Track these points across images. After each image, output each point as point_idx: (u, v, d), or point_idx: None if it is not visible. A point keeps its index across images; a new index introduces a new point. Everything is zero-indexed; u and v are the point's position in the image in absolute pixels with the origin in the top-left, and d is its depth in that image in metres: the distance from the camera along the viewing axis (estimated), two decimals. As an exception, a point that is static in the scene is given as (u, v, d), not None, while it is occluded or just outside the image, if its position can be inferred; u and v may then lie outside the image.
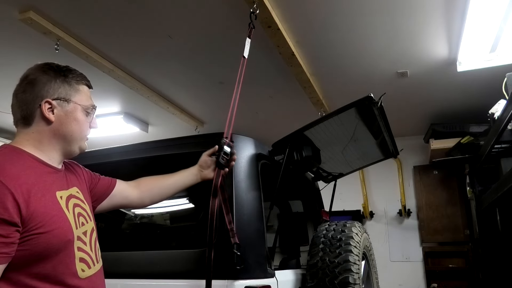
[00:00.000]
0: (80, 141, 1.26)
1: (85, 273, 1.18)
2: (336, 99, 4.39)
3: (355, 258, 2.03)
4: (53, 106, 1.19)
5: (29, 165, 1.13)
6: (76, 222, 1.18)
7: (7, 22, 3.04)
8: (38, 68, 1.24)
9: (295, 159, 2.26)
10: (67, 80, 1.24)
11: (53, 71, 1.23)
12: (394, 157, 2.98)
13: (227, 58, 3.63)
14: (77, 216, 1.19)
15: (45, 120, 1.19)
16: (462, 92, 4.26)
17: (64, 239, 1.11)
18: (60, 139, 1.21)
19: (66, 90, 1.22)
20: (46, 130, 1.19)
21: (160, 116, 4.98)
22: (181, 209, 2.37)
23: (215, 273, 1.67)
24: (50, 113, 1.18)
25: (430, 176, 5.52)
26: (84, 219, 1.23)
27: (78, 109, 1.24)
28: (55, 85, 1.21)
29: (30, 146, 1.18)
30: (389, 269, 5.36)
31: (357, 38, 3.32)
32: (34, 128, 1.19)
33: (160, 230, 2.46)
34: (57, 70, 1.24)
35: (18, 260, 1.03)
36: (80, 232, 1.19)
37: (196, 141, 2.08)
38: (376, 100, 2.05)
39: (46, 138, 1.19)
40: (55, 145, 1.21)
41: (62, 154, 1.24)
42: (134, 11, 2.98)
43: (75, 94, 1.24)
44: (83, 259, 1.18)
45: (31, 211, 1.04)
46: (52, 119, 1.18)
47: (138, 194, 1.58)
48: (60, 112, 1.20)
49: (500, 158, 3.26)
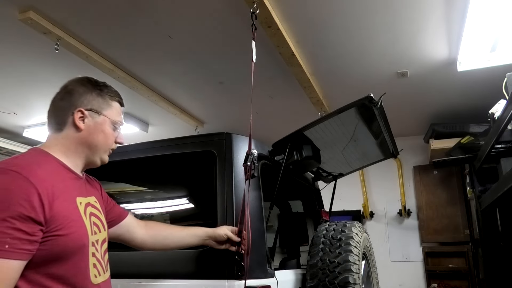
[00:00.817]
0: (103, 152, 1.34)
1: (96, 279, 1.23)
2: (336, 99, 4.39)
3: (355, 258, 2.03)
4: (85, 116, 1.28)
5: (54, 169, 1.19)
6: (92, 228, 1.23)
7: (7, 22, 3.04)
8: (78, 80, 1.33)
9: (295, 159, 2.26)
10: (102, 94, 1.33)
11: (91, 85, 1.32)
12: (394, 157, 2.98)
13: (227, 58, 3.64)
14: (92, 224, 1.25)
15: (75, 128, 1.27)
16: (462, 92, 4.26)
17: (80, 243, 1.16)
18: (86, 147, 1.29)
19: (99, 103, 1.31)
20: (74, 137, 1.27)
21: (160, 116, 4.98)
22: (181, 209, 2.38)
23: (215, 273, 1.67)
24: (80, 122, 1.27)
25: (430, 176, 5.52)
26: (97, 228, 1.28)
27: (106, 122, 1.32)
28: (90, 97, 1.29)
29: (57, 151, 1.25)
30: (389, 269, 5.35)
31: (357, 38, 3.32)
32: (64, 134, 1.27)
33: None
34: (94, 84, 1.34)
35: (36, 259, 1.07)
36: (94, 239, 1.24)
37: (196, 141, 2.07)
38: (376, 100, 2.05)
39: (73, 145, 1.27)
40: (80, 153, 1.28)
41: (85, 163, 1.32)
42: (134, 11, 2.98)
43: (106, 108, 1.33)
44: (95, 266, 1.23)
45: (53, 213, 1.09)
46: (81, 127, 1.27)
47: (143, 235, 1.59)
48: (90, 122, 1.29)
49: (500, 158, 3.25)
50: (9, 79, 4.02)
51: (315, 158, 2.39)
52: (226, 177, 1.86)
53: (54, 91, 1.34)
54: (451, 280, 5.10)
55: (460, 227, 5.21)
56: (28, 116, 4.87)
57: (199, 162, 2.09)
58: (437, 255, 5.33)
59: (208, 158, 1.94)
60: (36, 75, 3.91)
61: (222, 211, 1.81)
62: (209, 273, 1.70)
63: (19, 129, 5.25)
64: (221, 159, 1.90)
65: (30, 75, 3.91)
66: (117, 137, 1.37)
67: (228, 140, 1.95)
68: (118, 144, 1.39)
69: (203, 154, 1.98)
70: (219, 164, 1.89)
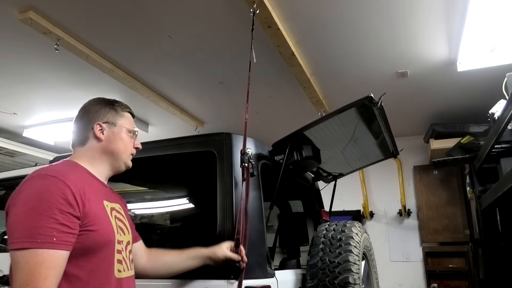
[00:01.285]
0: (126, 158, 1.51)
1: (121, 273, 1.36)
2: (336, 99, 4.39)
3: (355, 258, 2.03)
4: (103, 128, 1.46)
5: (83, 175, 1.37)
6: (117, 228, 1.38)
7: (7, 22, 3.04)
8: (92, 100, 1.53)
9: (295, 159, 2.26)
10: (114, 107, 1.52)
11: (103, 102, 1.52)
12: (394, 157, 2.98)
13: (227, 58, 3.64)
14: (117, 226, 1.39)
15: (96, 139, 1.45)
16: (462, 92, 4.26)
17: (107, 239, 1.31)
18: (109, 154, 1.47)
19: (113, 115, 1.50)
20: (97, 147, 1.45)
21: (160, 116, 4.98)
22: (181, 209, 2.38)
23: (215, 273, 1.67)
24: (100, 133, 1.45)
25: (430, 176, 5.52)
26: (122, 230, 1.42)
27: (123, 130, 1.51)
28: (104, 111, 1.49)
29: (84, 161, 1.43)
30: (389, 269, 5.35)
31: (357, 38, 3.32)
32: (88, 146, 1.45)
33: (160, 230, 2.47)
34: (106, 101, 1.53)
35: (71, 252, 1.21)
36: (119, 238, 1.38)
37: (196, 141, 2.07)
38: (376, 100, 2.05)
39: (97, 154, 1.45)
40: (104, 160, 1.46)
41: (110, 169, 1.49)
42: (134, 11, 2.98)
43: (120, 118, 1.52)
44: (120, 261, 1.36)
45: (86, 210, 1.25)
46: (102, 138, 1.45)
47: (144, 263, 1.65)
48: (109, 133, 1.47)
49: (500, 158, 3.25)
50: (9, 79, 4.02)
51: (315, 158, 2.39)
52: (226, 177, 1.86)
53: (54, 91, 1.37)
54: (451, 280, 5.10)
55: (460, 227, 5.21)
56: (28, 116, 4.87)
57: (199, 162, 2.09)
58: (437, 255, 5.33)
59: (208, 158, 1.94)
60: (36, 75, 3.91)
61: (222, 211, 1.81)
62: (209, 273, 1.70)
63: (19, 129, 5.25)
64: (221, 159, 1.90)
65: (30, 75, 3.91)
66: (135, 143, 1.56)
67: (228, 140, 1.95)
68: (136, 149, 1.56)
69: (203, 154, 1.98)
70: (219, 164, 1.89)
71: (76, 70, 3.78)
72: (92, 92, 4.09)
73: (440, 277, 5.18)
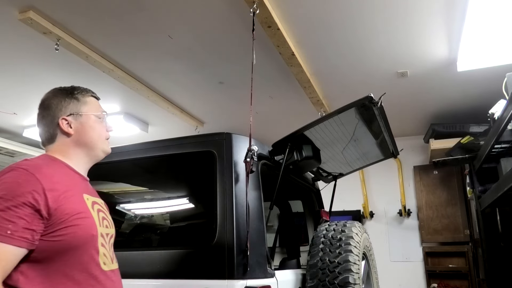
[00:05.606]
0: (102, 144, 1.44)
1: (106, 266, 1.32)
2: (336, 99, 4.39)
3: (355, 258, 2.03)
4: (69, 121, 1.38)
5: (61, 170, 1.32)
6: (100, 221, 1.33)
7: (7, 22, 3.04)
8: (49, 94, 1.44)
9: (295, 159, 2.26)
10: (74, 96, 1.42)
11: (61, 93, 1.43)
12: (394, 157, 2.98)
13: (227, 58, 3.64)
14: (100, 218, 1.34)
15: (65, 134, 1.38)
16: (462, 92, 4.26)
17: (89, 233, 1.26)
18: (83, 146, 1.39)
19: (76, 105, 1.41)
20: (69, 142, 1.38)
21: (160, 116, 4.98)
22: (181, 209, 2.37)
23: (215, 273, 1.67)
24: (68, 128, 1.38)
25: (430, 176, 5.52)
26: (107, 223, 1.38)
27: (91, 118, 1.42)
28: (65, 103, 1.40)
29: (60, 156, 1.36)
30: (389, 269, 5.35)
31: (357, 38, 3.32)
32: (59, 142, 1.38)
33: (160, 230, 2.46)
34: (63, 91, 1.44)
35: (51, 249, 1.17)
36: (103, 231, 1.33)
37: (196, 141, 2.08)
38: (376, 100, 2.05)
39: (71, 148, 1.38)
40: (79, 153, 1.39)
41: (88, 161, 1.42)
42: (134, 11, 2.98)
43: (84, 106, 1.42)
44: (105, 255, 1.32)
45: (60, 206, 1.19)
46: (71, 132, 1.38)
47: None
48: (77, 125, 1.39)
49: (500, 158, 3.26)
50: (9, 79, 4.02)
51: (315, 158, 2.39)
52: (226, 177, 1.86)
53: (55, 91, 1.36)
54: (451, 280, 5.10)
55: (460, 227, 5.21)
56: (28, 116, 4.86)
57: (199, 162, 2.09)
58: (437, 255, 5.33)
59: (208, 158, 1.94)
60: (36, 75, 3.90)
61: (222, 211, 1.81)
62: (209, 273, 1.70)
63: (19, 129, 5.25)
64: (221, 159, 1.90)
65: (30, 75, 3.91)
66: (107, 126, 1.48)
67: (228, 140, 1.95)
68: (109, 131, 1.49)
69: (203, 154, 1.98)
70: (219, 164, 1.90)
71: (76, 70, 3.78)
72: (92, 92, 4.06)
73: (440, 277, 5.18)
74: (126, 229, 2.48)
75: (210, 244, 1.77)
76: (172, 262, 1.85)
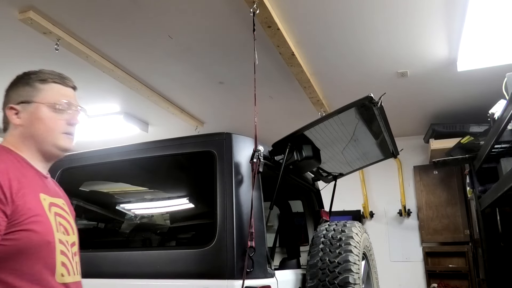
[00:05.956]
0: (54, 139, 1.23)
1: (64, 278, 1.16)
2: (336, 99, 4.39)
3: (355, 258, 2.03)
4: (18, 110, 1.22)
5: (16, 164, 1.16)
6: (57, 226, 1.18)
7: (7, 22, 3.04)
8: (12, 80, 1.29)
9: (295, 159, 2.26)
10: (29, 82, 1.25)
11: (19, 78, 1.27)
12: (394, 157, 2.98)
13: (227, 58, 3.64)
14: (58, 223, 1.19)
15: (14, 125, 1.22)
16: (462, 92, 4.26)
17: (44, 239, 1.11)
18: (31, 139, 1.21)
19: (28, 91, 1.23)
20: (17, 134, 1.22)
21: (160, 116, 4.98)
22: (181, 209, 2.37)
23: (215, 273, 1.67)
24: (15, 118, 1.21)
25: (430, 176, 5.52)
26: (64, 229, 1.22)
27: (40, 108, 1.22)
28: (18, 90, 1.24)
29: (13, 148, 1.21)
30: (389, 269, 5.35)
31: (357, 38, 3.32)
32: (9, 133, 1.23)
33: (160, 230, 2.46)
34: (22, 76, 1.28)
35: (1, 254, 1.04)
36: (61, 237, 1.18)
37: (196, 141, 2.08)
38: (376, 100, 2.05)
39: (20, 141, 1.21)
40: (29, 147, 1.22)
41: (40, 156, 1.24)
42: (134, 11, 2.98)
43: (37, 93, 1.23)
44: (64, 264, 1.17)
45: (15, 206, 1.06)
46: (17, 122, 1.21)
47: None
48: (25, 115, 1.22)
49: (500, 158, 3.26)
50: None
51: (315, 158, 2.39)
52: (226, 177, 1.87)
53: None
54: (451, 280, 5.10)
55: (460, 227, 5.20)
56: (28, 116, 4.87)
57: (199, 162, 2.09)
58: (437, 255, 5.33)
59: (208, 158, 1.94)
60: (36, 75, 3.90)
61: (222, 211, 1.81)
62: (209, 273, 1.70)
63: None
64: (221, 159, 1.90)
65: (30, 75, 3.91)
66: (70, 118, 1.25)
67: (228, 140, 1.95)
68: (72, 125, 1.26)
69: (203, 154, 1.98)
70: (219, 164, 1.90)
71: (76, 70, 3.78)
72: (93, 92, 4.10)
73: (440, 277, 5.18)
74: (126, 229, 2.48)
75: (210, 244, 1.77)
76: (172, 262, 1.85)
